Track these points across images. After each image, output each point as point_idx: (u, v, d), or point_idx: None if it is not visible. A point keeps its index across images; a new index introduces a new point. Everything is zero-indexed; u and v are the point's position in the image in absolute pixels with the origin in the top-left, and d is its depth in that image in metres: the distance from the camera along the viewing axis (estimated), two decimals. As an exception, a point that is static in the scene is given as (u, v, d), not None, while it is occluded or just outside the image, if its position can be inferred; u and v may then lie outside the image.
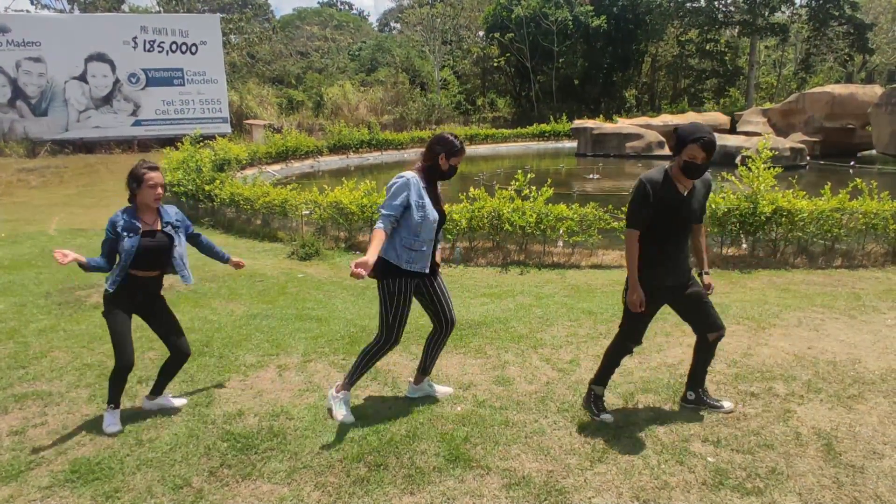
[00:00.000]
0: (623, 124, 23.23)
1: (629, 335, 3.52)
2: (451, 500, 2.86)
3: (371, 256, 3.18)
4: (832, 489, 2.90)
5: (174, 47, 23.49)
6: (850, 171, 16.45)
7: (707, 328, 3.48)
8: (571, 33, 33.69)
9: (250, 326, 5.38)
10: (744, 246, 8.01)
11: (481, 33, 39.77)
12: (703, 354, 3.60)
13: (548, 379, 4.15)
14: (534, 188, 8.03)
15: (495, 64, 36.67)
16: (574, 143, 23.89)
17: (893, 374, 4.14)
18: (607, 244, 8.07)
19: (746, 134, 19.95)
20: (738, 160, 14.08)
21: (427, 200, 3.48)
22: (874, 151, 19.28)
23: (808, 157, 18.28)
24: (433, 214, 3.49)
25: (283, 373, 4.36)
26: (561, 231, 7.78)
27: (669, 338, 4.90)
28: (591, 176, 17.19)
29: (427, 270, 3.56)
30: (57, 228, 10.92)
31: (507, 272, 7.57)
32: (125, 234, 3.44)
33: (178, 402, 3.87)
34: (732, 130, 21.91)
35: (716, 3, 34.54)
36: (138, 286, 3.54)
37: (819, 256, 7.65)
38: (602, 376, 3.65)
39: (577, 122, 24.26)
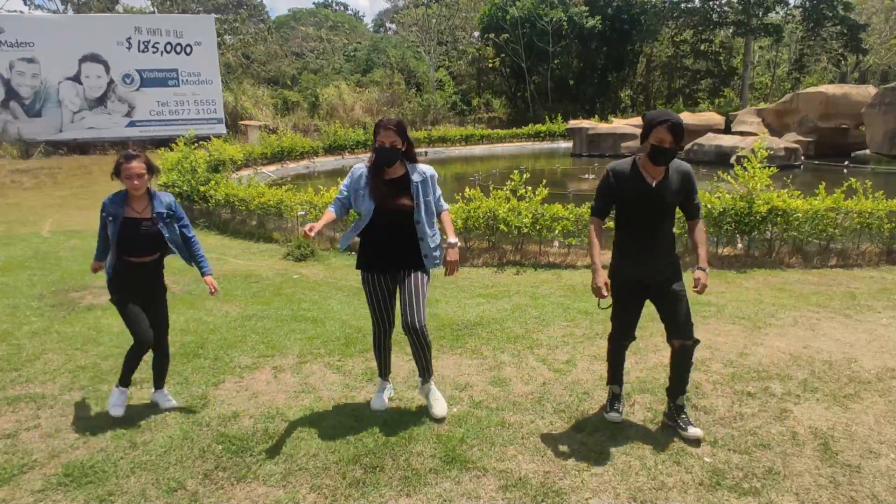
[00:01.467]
0: (618, 124, 23.25)
1: (615, 331, 3.50)
2: (447, 501, 2.85)
3: (318, 225, 3.15)
4: (829, 489, 2.90)
5: (168, 48, 23.39)
6: (845, 170, 16.52)
7: (671, 333, 3.30)
8: (566, 34, 33.71)
9: (245, 328, 5.35)
10: (739, 246, 8.02)
11: (476, 34, 39.74)
12: (674, 361, 3.37)
13: (544, 380, 4.14)
14: (529, 188, 8.02)
15: (490, 64, 36.67)
16: (569, 144, 23.91)
17: (889, 373, 4.15)
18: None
19: (741, 134, 20.00)
20: (733, 160, 14.12)
21: (364, 190, 3.43)
22: (868, 151, 19.34)
23: (802, 157, 18.35)
24: (366, 205, 3.42)
25: (278, 374, 4.33)
26: (557, 231, 7.77)
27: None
28: (586, 176, 17.21)
29: (389, 269, 3.51)
30: (51, 230, 10.86)
31: (503, 272, 7.56)
32: (109, 219, 3.47)
33: (173, 402, 3.85)
34: (727, 130, 21.94)
35: (710, 3, 34.64)
36: (133, 272, 3.57)
37: (814, 256, 7.66)
38: (611, 375, 3.62)
39: (573, 123, 24.27)
